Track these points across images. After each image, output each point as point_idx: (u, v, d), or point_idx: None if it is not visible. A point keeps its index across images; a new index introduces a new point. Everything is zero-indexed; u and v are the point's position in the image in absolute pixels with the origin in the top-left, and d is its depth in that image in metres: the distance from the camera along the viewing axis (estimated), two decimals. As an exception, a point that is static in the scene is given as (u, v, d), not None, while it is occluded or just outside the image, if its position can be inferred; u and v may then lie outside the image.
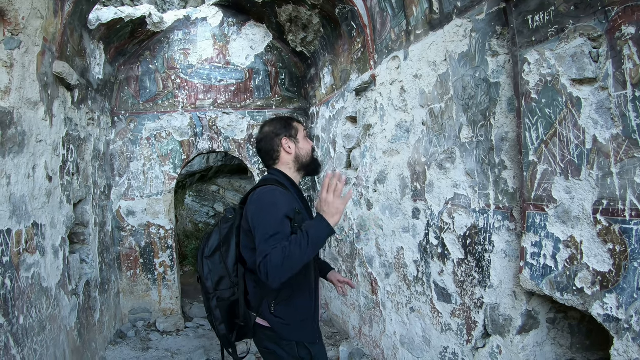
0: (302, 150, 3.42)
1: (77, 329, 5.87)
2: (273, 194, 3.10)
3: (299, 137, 3.45)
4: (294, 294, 3.25)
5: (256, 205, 3.09)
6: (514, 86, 3.31)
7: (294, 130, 3.44)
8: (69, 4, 5.41)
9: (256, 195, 3.14)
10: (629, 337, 2.47)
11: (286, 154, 3.41)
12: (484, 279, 3.88)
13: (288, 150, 3.39)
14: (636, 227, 2.42)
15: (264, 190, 3.15)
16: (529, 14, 3.06)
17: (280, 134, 3.39)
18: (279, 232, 2.92)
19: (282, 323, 3.19)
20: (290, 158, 3.41)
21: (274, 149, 3.42)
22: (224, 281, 3.24)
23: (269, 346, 3.28)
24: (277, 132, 3.40)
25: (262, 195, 3.12)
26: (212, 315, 3.30)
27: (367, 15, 5.86)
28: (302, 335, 3.25)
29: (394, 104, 5.36)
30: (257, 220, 3.01)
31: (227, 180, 16.52)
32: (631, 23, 2.38)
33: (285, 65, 9.28)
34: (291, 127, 3.44)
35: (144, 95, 8.71)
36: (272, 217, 2.98)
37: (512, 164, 3.49)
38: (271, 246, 2.83)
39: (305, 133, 3.51)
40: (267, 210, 3.02)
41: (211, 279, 3.24)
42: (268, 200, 3.07)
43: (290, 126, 3.45)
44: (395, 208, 5.50)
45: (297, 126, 3.47)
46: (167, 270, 8.78)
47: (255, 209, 3.07)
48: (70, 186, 5.94)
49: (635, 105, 2.38)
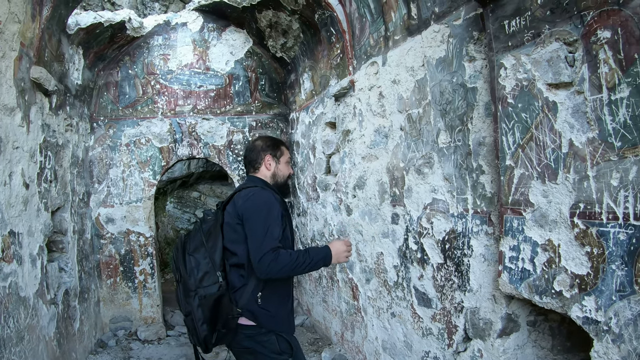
0: (280, 171, 3.84)
1: (56, 339, 5.77)
2: (268, 195, 3.49)
3: (281, 160, 3.85)
4: (279, 284, 3.54)
5: (253, 202, 3.41)
6: (490, 91, 3.33)
7: (279, 152, 3.85)
8: (47, 8, 5.33)
9: (252, 194, 3.47)
10: (608, 339, 2.48)
11: (265, 168, 3.80)
12: (464, 283, 3.89)
13: (268, 167, 3.79)
14: (613, 230, 2.44)
15: (257, 190, 3.52)
16: (505, 19, 3.08)
17: (267, 151, 3.80)
18: (276, 227, 3.33)
19: (268, 314, 3.39)
20: (268, 173, 3.80)
21: (258, 160, 3.80)
22: (207, 277, 3.33)
23: (248, 345, 3.37)
24: (264, 148, 3.80)
25: (259, 193, 3.47)
26: (192, 316, 3.30)
27: (346, 21, 5.87)
28: (284, 327, 3.52)
29: (373, 109, 5.37)
30: (256, 216, 3.33)
31: (209, 187, 16.43)
32: (606, 27, 2.40)
33: (265, 70, 9.27)
34: (277, 149, 3.85)
35: (123, 101, 8.63)
36: (272, 214, 3.36)
37: (490, 168, 3.50)
38: (275, 244, 3.25)
39: (288, 159, 3.92)
40: (266, 208, 3.38)
41: (194, 275, 3.32)
42: (265, 198, 3.43)
43: (277, 148, 3.86)
44: (374, 213, 5.50)
45: (283, 150, 3.89)
46: (148, 278, 8.70)
47: (252, 205, 3.39)
48: (48, 193, 5.85)
49: (610, 108, 2.40)
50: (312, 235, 8.07)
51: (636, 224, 2.31)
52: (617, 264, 2.42)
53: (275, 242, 3.26)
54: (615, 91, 2.37)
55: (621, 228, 2.39)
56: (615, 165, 2.40)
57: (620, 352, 2.41)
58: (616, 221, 2.42)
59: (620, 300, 2.41)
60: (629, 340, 2.37)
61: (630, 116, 2.30)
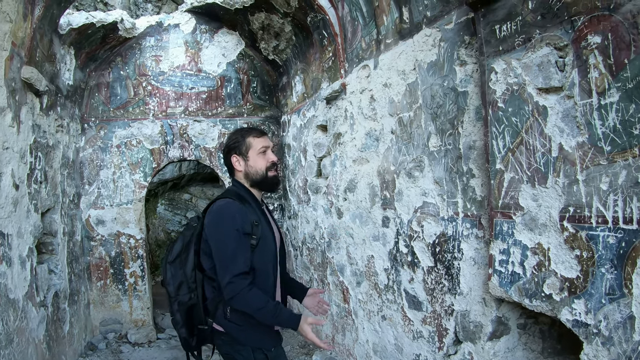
0: (251, 168, 3.43)
1: (45, 342, 5.74)
2: (228, 208, 3.21)
3: (250, 154, 3.44)
4: None
5: (213, 217, 3.22)
6: (481, 95, 3.34)
7: (245, 146, 3.44)
8: (39, 7, 5.31)
9: (215, 207, 3.26)
10: (598, 341, 2.49)
11: (237, 170, 3.49)
12: (454, 286, 3.90)
13: (237, 167, 3.46)
14: (602, 234, 2.45)
15: (220, 203, 3.27)
16: (496, 23, 3.09)
17: (231, 151, 3.47)
18: (240, 248, 3.11)
19: (237, 328, 3.25)
20: (242, 174, 3.48)
21: (228, 163, 3.52)
22: (183, 286, 3.30)
23: (227, 351, 3.35)
24: (229, 148, 3.48)
25: (219, 209, 3.23)
26: (174, 319, 3.39)
27: (338, 24, 5.88)
28: (258, 340, 3.29)
29: (364, 112, 5.38)
30: (215, 235, 3.16)
31: (200, 189, 16.39)
32: (597, 32, 2.42)
33: (257, 73, 9.25)
34: (242, 144, 3.45)
35: (115, 102, 8.59)
36: (229, 233, 3.11)
37: (480, 172, 3.52)
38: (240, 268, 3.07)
39: (260, 148, 3.46)
40: (224, 225, 3.15)
41: (172, 283, 3.32)
42: (224, 214, 3.19)
43: (241, 142, 3.45)
44: (365, 216, 5.51)
45: (249, 141, 3.45)
46: (138, 280, 8.66)
47: (212, 221, 3.21)
48: (38, 195, 5.82)
49: (600, 113, 2.42)
50: (302, 238, 8.07)
51: (625, 227, 2.33)
52: (607, 268, 2.44)
53: (241, 266, 3.08)
54: (605, 96, 2.39)
55: (610, 232, 2.41)
56: (605, 170, 2.41)
57: (610, 355, 2.43)
58: (605, 225, 2.43)
59: (610, 303, 2.43)
60: (618, 343, 2.38)
61: (619, 121, 2.32)
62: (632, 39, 2.23)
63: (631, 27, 2.24)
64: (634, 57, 2.24)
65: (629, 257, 2.32)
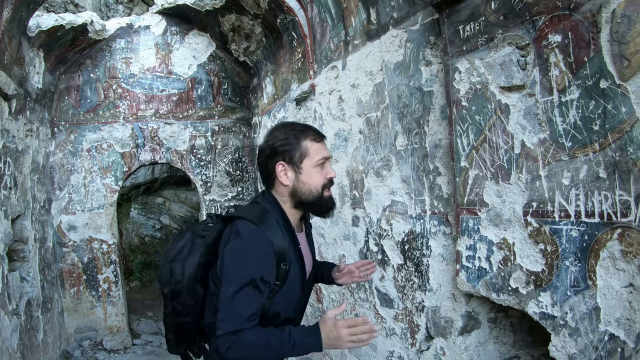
0: (303, 185, 2.53)
1: (19, 351, 5.67)
2: (255, 247, 2.35)
3: (305, 165, 2.52)
4: None
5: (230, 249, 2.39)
6: (446, 94, 3.39)
7: (300, 153, 2.50)
8: (7, 10, 5.26)
9: (235, 237, 2.39)
10: (565, 333, 2.54)
11: (280, 184, 2.56)
12: (424, 282, 3.94)
13: (283, 181, 2.54)
14: (566, 228, 2.50)
15: (246, 230, 2.38)
16: (460, 24, 3.14)
17: (277, 156, 2.52)
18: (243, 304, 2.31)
19: None
20: (286, 190, 2.57)
21: (269, 171, 2.59)
22: (182, 294, 2.60)
23: None
24: (275, 151, 2.53)
25: (242, 244, 2.36)
26: (165, 322, 2.81)
27: (307, 26, 5.90)
28: None
29: (333, 113, 5.41)
30: (226, 272, 2.37)
31: (173, 192, 16.24)
32: (557, 31, 2.46)
33: (228, 74, 9.25)
34: (296, 148, 2.50)
35: (85, 105, 8.50)
36: (241, 279, 2.31)
37: (446, 170, 3.57)
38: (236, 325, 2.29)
39: (320, 158, 2.54)
40: (240, 265, 2.35)
41: (170, 286, 2.61)
42: (244, 253, 2.36)
43: (295, 146, 2.51)
44: (335, 216, 5.53)
45: (307, 147, 2.52)
46: (112, 286, 8.59)
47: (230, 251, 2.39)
48: (7, 201, 5.75)
49: (561, 110, 2.47)
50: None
51: (588, 221, 2.38)
52: (571, 260, 2.49)
53: (239, 323, 2.29)
54: (565, 93, 2.44)
55: (573, 225, 2.46)
56: (567, 165, 2.47)
57: (577, 346, 2.47)
58: (568, 219, 2.49)
59: (575, 295, 2.48)
60: (585, 334, 2.43)
61: (580, 117, 2.37)
62: (592, 37, 2.28)
63: (590, 25, 2.28)
64: (593, 55, 2.28)
65: (592, 249, 2.37)
